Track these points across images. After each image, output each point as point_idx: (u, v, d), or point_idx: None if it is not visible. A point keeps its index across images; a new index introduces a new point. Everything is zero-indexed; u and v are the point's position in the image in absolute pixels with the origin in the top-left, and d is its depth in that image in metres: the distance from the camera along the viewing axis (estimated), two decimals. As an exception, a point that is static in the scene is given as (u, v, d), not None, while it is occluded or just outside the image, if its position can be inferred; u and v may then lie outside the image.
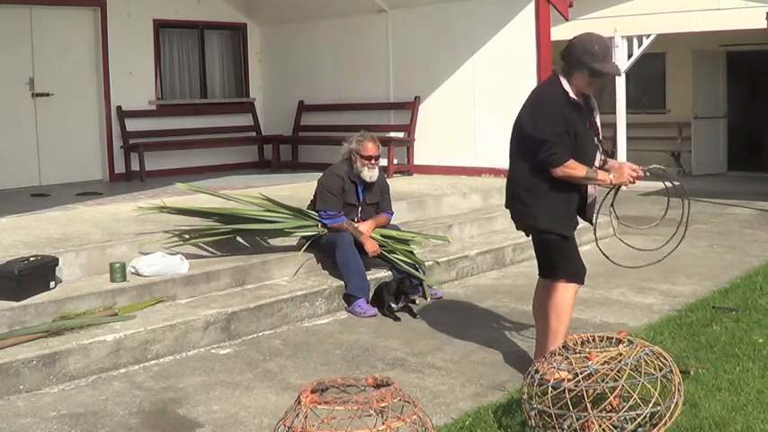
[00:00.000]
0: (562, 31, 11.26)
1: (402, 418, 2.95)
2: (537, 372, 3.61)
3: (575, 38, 4.30)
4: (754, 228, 9.20)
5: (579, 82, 4.25)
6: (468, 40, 9.95)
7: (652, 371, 3.44)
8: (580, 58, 4.19)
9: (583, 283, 4.51)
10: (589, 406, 3.38)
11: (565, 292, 4.40)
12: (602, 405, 3.51)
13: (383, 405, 2.92)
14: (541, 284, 4.60)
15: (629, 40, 12.44)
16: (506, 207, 4.63)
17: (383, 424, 2.91)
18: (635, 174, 4.50)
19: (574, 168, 4.22)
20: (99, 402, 4.41)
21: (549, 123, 4.18)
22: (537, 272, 4.62)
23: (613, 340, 3.68)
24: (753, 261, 7.42)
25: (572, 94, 4.23)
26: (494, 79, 9.75)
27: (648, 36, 12.24)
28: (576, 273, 4.44)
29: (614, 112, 12.73)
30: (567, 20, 10.16)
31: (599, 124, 4.48)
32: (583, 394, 3.39)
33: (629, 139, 12.90)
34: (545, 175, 4.27)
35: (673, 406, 3.41)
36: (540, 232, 4.45)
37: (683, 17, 11.68)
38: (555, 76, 4.34)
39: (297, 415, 2.96)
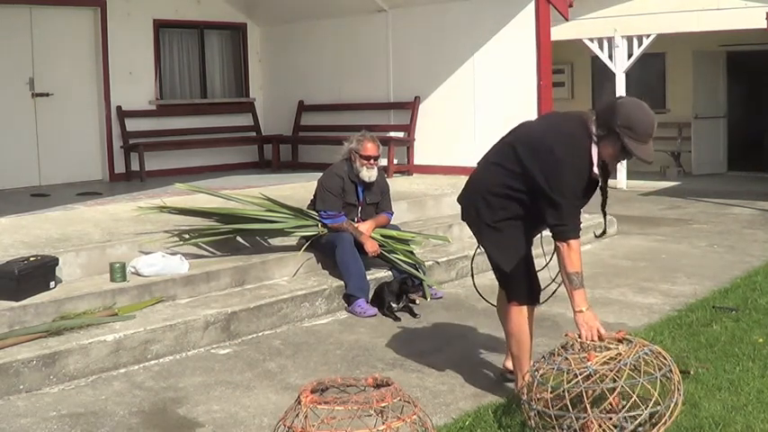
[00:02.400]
0: (562, 31, 11.31)
1: (402, 418, 2.95)
2: (537, 371, 3.60)
3: (621, 101, 3.82)
4: (754, 228, 9.20)
5: (606, 150, 3.79)
6: (468, 40, 9.94)
7: (651, 370, 3.44)
8: (618, 129, 3.70)
9: (537, 303, 4.21)
10: (588, 407, 3.38)
11: (519, 315, 4.13)
12: (603, 405, 3.50)
13: (383, 405, 2.91)
14: (500, 291, 4.38)
15: (629, 40, 12.46)
16: (458, 202, 4.33)
17: (383, 424, 2.91)
18: (596, 336, 3.67)
19: (572, 253, 3.75)
20: (99, 402, 4.41)
21: (570, 188, 3.76)
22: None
23: (612, 340, 3.67)
24: (753, 261, 7.42)
25: (596, 168, 3.82)
26: (494, 79, 9.75)
27: (648, 36, 12.26)
28: (527, 295, 4.12)
29: (614, 113, 12.72)
30: (566, 20, 10.17)
31: (603, 180, 4.02)
32: (582, 395, 3.39)
33: (629, 138, 12.88)
34: (515, 206, 3.98)
35: (672, 405, 3.41)
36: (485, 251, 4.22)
37: (683, 17, 11.69)
38: (587, 135, 3.81)
39: (297, 415, 2.97)
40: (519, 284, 4.13)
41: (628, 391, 3.41)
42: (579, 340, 3.66)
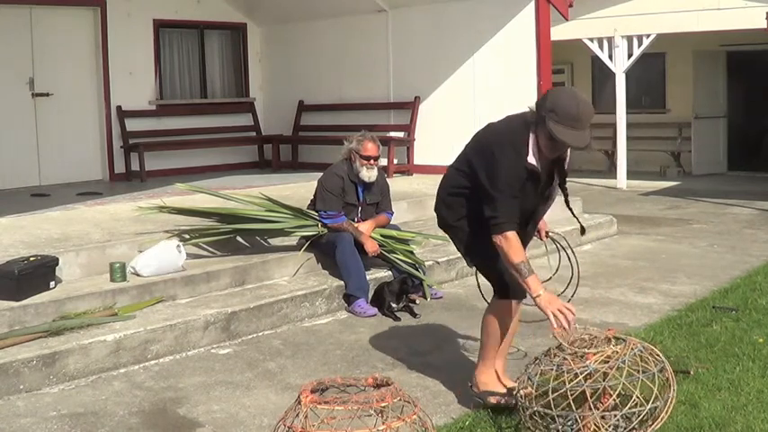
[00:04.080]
0: (562, 31, 11.31)
1: (402, 418, 2.94)
2: (534, 374, 3.59)
3: (555, 89, 3.88)
4: (754, 228, 9.20)
5: (541, 140, 3.74)
6: (468, 39, 9.95)
7: (648, 367, 3.44)
8: (545, 114, 3.66)
9: (521, 298, 4.09)
10: (591, 405, 3.38)
11: (500, 307, 4.10)
12: (604, 406, 3.49)
13: (383, 405, 2.91)
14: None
15: (629, 40, 12.46)
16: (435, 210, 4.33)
17: (383, 424, 2.91)
18: (566, 317, 3.60)
19: (510, 245, 3.71)
20: (99, 402, 4.41)
21: (503, 181, 3.73)
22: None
23: (602, 339, 3.65)
24: (753, 261, 7.41)
25: (533, 159, 3.75)
26: (494, 79, 9.76)
27: (648, 36, 12.26)
28: (511, 289, 4.01)
29: (614, 112, 12.75)
30: (566, 20, 10.18)
31: (560, 177, 3.97)
32: (578, 394, 3.39)
33: (629, 138, 12.92)
34: (471, 203, 3.97)
35: (669, 401, 3.42)
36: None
37: (683, 17, 11.69)
38: (525, 126, 3.80)
39: (297, 415, 2.96)
40: (500, 279, 4.06)
41: (630, 390, 3.41)
42: (572, 342, 3.64)
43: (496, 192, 3.74)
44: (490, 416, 4.00)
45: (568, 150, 3.89)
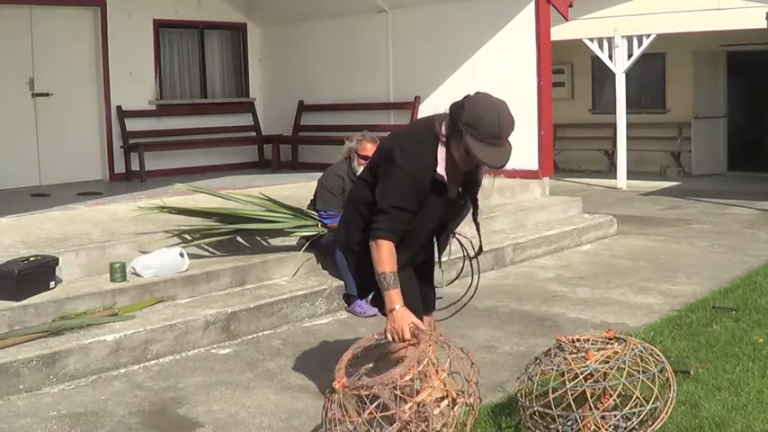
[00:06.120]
0: (562, 31, 11.31)
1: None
2: (535, 374, 3.60)
3: (473, 96, 3.40)
4: (754, 228, 9.19)
5: (456, 153, 3.41)
6: (468, 40, 9.95)
7: (648, 367, 3.44)
8: (461, 127, 3.31)
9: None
10: (591, 405, 3.39)
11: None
12: (605, 406, 3.49)
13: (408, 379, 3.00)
14: None
15: (629, 40, 12.45)
16: None
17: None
18: (400, 337, 3.64)
19: (381, 253, 3.45)
20: (99, 402, 4.41)
21: (395, 192, 3.43)
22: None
23: (602, 340, 3.65)
24: (753, 261, 7.41)
25: (441, 170, 3.43)
26: (494, 79, 9.74)
27: (648, 36, 12.25)
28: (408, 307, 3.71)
29: (614, 113, 12.75)
30: (567, 20, 10.18)
31: (471, 188, 3.72)
32: (578, 394, 3.39)
33: (629, 138, 12.91)
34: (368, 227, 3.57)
35: (669, 401, 3.42)
36: None
37: (683, 17, 11.68)
38: (433, 135, 3.45)
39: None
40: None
41: (630, 390, 3.42)
42: (573, 340, 3.65)
43: (385, 200, 3.44)
44: (490, 416, 4.00)
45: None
